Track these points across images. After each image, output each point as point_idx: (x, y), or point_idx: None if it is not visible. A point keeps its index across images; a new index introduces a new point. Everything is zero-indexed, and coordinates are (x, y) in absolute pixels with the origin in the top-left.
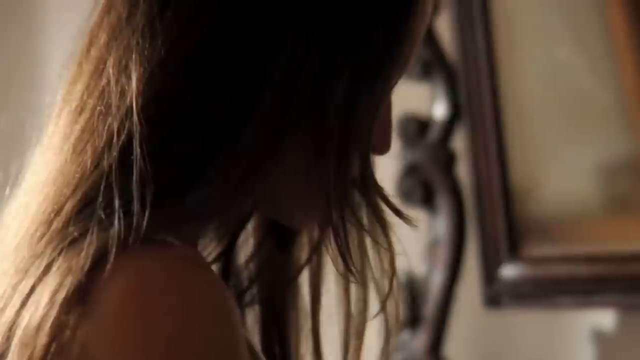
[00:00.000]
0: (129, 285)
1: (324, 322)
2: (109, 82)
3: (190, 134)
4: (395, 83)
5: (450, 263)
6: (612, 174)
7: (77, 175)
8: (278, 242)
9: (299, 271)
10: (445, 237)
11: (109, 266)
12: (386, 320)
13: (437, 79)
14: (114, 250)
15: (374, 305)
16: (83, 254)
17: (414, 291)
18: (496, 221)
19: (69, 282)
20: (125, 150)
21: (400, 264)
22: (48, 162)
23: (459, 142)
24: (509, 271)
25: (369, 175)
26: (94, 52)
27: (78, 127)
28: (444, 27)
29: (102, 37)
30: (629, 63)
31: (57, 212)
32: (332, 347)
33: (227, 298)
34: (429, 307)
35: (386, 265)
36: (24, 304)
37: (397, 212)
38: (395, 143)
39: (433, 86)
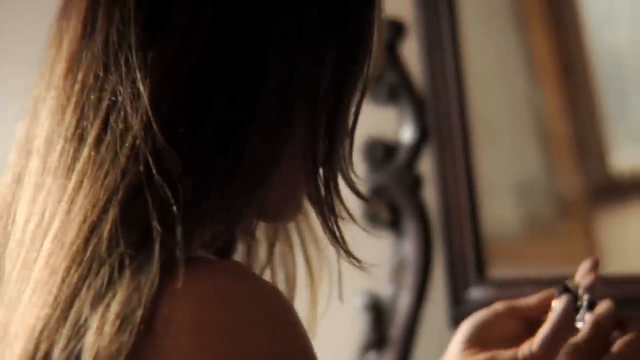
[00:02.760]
0: (201, 303)
1: None
2: (114, 103)
3: (200, 149)
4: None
5: (417, 285)
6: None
7: (103, 198)
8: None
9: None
10: (412, 259)
11: (178, 286)
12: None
13: (404, 102)
14: (181, 270)
15: None
16: (143, 279)
17: (380, 313)
18: (464, 244)
19: (133, 306)
20: (148, 170)
21: (367, 285)
22: (52, 190)
23: (425, 166)
24: (476, 293)
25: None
26: (82, 75)
27: (85, 154)
28: (411, 51)
29: (86, 60)
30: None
31: (88, 238)
32: None
33: (288, 301)
34: (395, 329)
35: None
36: (79, 330)
37: (363, 198)
38: (361, 167)
39: (400, 110)
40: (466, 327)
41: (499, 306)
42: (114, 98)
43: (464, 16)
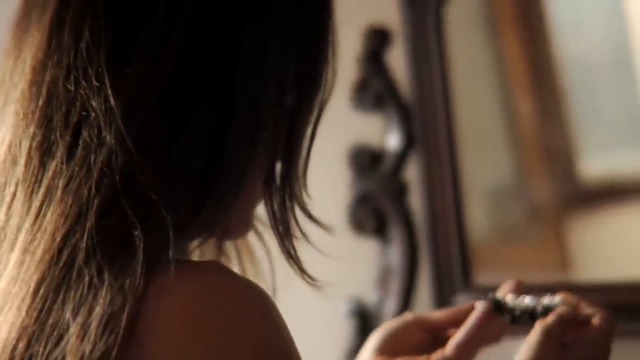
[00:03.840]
0: (188, 302)
1: None
2: (84, 118)
3: (175, 163)
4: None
5: (403, 291)
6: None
7: (75, 210)
8: None
9: None
10: (398, 265)
11: (162, 286)
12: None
13: (390, 110)
14: (165, 272)
15: None
16: (126, 282)
17: (366, 319)
18: (450, 250)
19: (117, 309)
20: (123, 183)
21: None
22: (16, 203)
23: (411, 173)
24: (462, 299)
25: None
26: (46, 88)
27: (53, 167)
28: (397, 59)
29: (50, 73)
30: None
31: (61, 248)
32: None
33: (271, 299)
34: None
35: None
36: (59, 338)
37: (314, 220)
38: (347, 174)
39: (386, 117)
40: (377, 336)
41: (408, 317)
42: (84, 113)
43: (450, 24)
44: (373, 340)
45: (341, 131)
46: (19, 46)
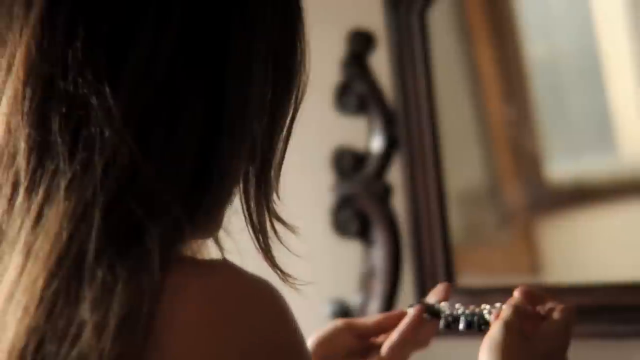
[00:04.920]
0: (205, 299)
1: None
2: (83, 118)
3: (174, 162)
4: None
5: (386, 293)
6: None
7: (79, 209)
8: None
9: None
10: (381, 267)
11: (178, 283)
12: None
13: (374, 113)
14: (180, 269)
15: None
16: (144, 279)
17: None
18: (434, 252)
19: (136, 306)
20: (128, 181)
21: (336, 293)
22: (16, 204)
23: (395, 175)
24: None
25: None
26: (40, 87)
27: (52, 167)
28: (381, 62)
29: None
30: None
31: (68, 247)
32: None
33: (283, 296)
34: None
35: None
36: (75, 337)
37: (280, 219)
38: (330, 176)
39: (369, 120)
40: (309, 342)
41: (339, 322)
42: (83, 112)
43: (433, 28)
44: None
45: (324, 134)
46: (2, 44)
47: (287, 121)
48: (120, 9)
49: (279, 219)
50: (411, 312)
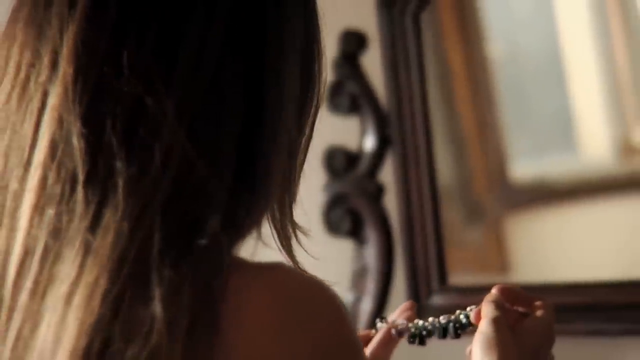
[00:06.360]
0: (273, 298)
1: None
2: (139, 116)
3: (224, 161)
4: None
5: (378, 292)
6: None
7: (138, 208)
8: None
9: None
10: (373, 266)
11: (242, 284)
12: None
13: (366, 112)
14: (244, 269)
15: None
16: (210, 279)
17: None
18: (427, 251)
19: (203, 306)
20: (184, 176)
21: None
22: (66, 205)
23: (387, 174)
24: (438, 300)
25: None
26: (92, 85)
27: (105, 166)
28: (373, 62)
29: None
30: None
31: (129, 246)
32: None
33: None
34: None
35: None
36: (147, 335)
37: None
38: (323, 175)
39: (361, 119)
40: None
41: None
42: (135, 111)
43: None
44: None
45: (317, 133)
46: (34, 38)
47: (310, 122)
48: (168, 5)
49: (294, 220)
50: (381, 331)
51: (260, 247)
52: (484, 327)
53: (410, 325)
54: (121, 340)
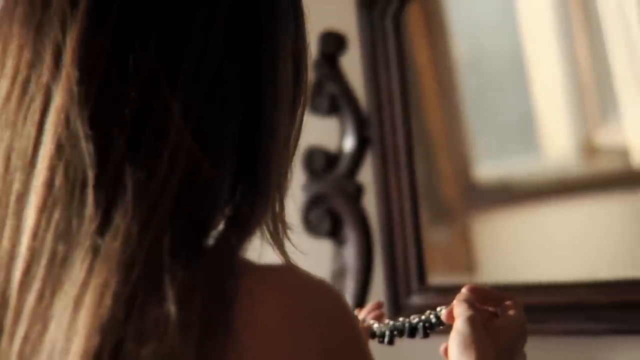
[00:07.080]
0: (285, 300)
1: None
2: (146, 118)
3: (228, 161)
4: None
5: (358, 292)
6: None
7: (147, 208)
8: None
9: None
10: (353, 266)
11: (254, 285)
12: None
13: (345, 113)
14: (256, 271)
15: None
16: (224, 279)
17: None
18: (406, 251)
19: (217, 308)
20: (191, 177)
21: None
22: (75, 207)
23: (366, 175)
24: (417, 300)
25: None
26: (98, 86)
27: (113, 169)
28: (352, 63)
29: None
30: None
31: (139, 246)
32: None
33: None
34: None
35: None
36: (163, 335)
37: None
38: (301, 176)
39: (341, 120)
40: None
41: None
42: (142, 113)
43: (407, 29)
44: None
45: None
46: (33, 39)
47: (298, 120)
48: (169, 6)
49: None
50: None
51: (264, 247)
52: (460, 326)
53: (380, 324)
54: (134, 341)
